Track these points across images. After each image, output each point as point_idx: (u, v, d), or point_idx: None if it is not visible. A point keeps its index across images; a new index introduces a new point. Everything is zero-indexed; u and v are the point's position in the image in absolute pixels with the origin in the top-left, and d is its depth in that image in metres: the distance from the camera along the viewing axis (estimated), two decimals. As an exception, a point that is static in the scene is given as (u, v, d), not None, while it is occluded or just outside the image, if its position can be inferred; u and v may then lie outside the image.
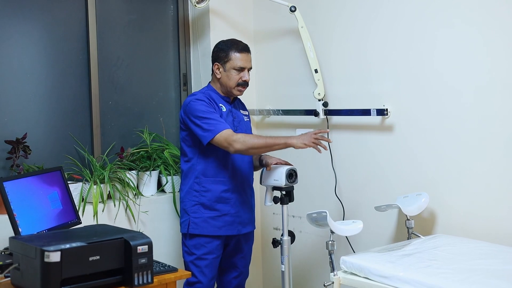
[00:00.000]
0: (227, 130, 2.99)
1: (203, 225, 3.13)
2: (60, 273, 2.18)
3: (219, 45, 3.22)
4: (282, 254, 3.02)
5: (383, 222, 3.30)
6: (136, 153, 3.61)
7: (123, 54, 3.75)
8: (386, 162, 3.30)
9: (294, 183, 3.05)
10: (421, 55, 3.11)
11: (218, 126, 3.00)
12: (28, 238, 2.39)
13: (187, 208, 3.17)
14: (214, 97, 3.16)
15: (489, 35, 2.86)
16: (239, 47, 3.16)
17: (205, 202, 3.13)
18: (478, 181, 2.93)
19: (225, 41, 3.22)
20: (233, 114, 3.21)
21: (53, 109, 3.47)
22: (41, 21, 3.44)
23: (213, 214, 3.13)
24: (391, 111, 3.25)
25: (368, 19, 3.34)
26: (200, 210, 3.14)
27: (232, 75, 3.14)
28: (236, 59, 3.13)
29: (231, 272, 3.31)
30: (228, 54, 3.14)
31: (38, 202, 2.80)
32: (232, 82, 3.14)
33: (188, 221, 3.14)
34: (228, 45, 3.17)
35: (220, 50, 3.18)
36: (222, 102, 3.18)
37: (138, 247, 2.34)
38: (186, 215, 3.17)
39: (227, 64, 3.14)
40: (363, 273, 2.57)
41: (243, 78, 3.15)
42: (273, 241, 3.03)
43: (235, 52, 3.14)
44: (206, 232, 3.13)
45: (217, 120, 3.03)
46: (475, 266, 2.45)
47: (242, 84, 3.16)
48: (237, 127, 3.18)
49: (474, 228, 2.93)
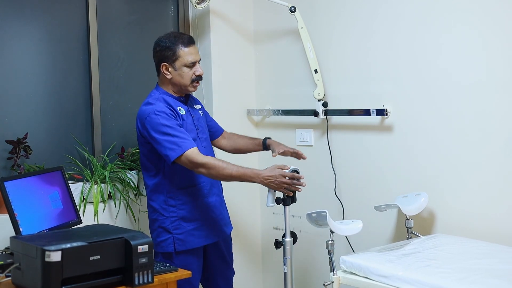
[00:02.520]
0: (192, 150, 2.76)
1: (189, 239, 2.93)
2: (61, 272, 2.18)
3: (161, 42, 2.93)
4: (284, 256, 2.96)
5: (382, 221, 3.30)
6: (136, 153, 3.61)
7: (124, 54, 3.75)
8: (386, 162, 3.30)
9: None
10: (420, 56, 3.11)
11: (183, 144, 2.76)
12: (29, 237, 2.39)
13: (166, 226, 2.92)
14: (170, 102, 2.92)
15: (488, 35, 2.86)
16: (185, 41, 2.89)
17: (185, 215, 2.94)
18: (478, 181, 2.93)
19: (166, 37, 2.92)
20: (191, 113, 3.01)
21: (54, 109, 3.47)
22: (42, 21, 3.44)
23: (197, 225, 2.95)
24: (391, 111, 3.25)
25: (368, 19, 3.34)
26: (181, 225, 2.93)
27: (185, 72, 2.90)
28: (186, 54, 2.88)
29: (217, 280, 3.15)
30: (175, 51, 2.88)
31: (39, 202, 2.80)
32: (186, 80, 2.92)
33: (172, 239, 2.92)
34: (172, 42, 2.89)
35: (164, 48, 2.90)
36: (179, 104, 2.96)
37: (139, 247, 2.34)
38: (166, 233, 2.93)
39: (176, 62, 2.90)
40: (362, 272, 2.57)
41: (196, 73, 2.92)
42: (276, 242, 3.00)
43: (182, 48, 2.88)
44: (193, 245, 2.94)
45: (181, 137, 2.78)
46: (474, 265, 2.45)
47: (197, 79, 2.94)
48: (197, 126, 3.02)
49: (473, 228, 2.93)
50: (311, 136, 3.69)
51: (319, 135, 3.65)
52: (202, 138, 3.04)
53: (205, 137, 3.07)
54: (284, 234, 2.95)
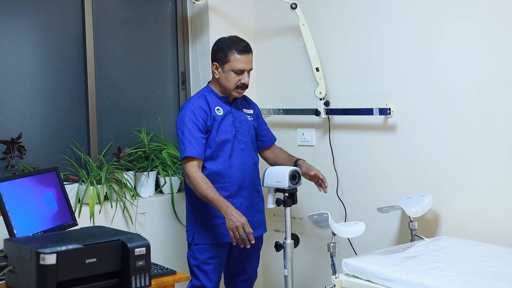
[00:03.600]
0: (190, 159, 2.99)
1: (208, 234, 3.13)
2: (56, 276, 2.18)
3: (218, 43, 3.15)
4: (285, 258, 2.97)
5: (385, 223, 3.30)
6: (133, 153, 3.61)
7: (120, 52, 3.75)
8: (389, 162, 3.30)
9: (298, 184, 3.00)
10: (425, 53, 3.11)
11: (187, 148, 3.00)
12: (23, 240, 2.38)
13: (191, 217, 3.18)
14: (210, 101, 3.12)
15: (494, 33, 2.86)
16: (239, 48, 3.07)
17: (208, 211, 3.11)
18: (483, 182, 2.93)
19: (225, 39, 3.14)
20: (234, 115, 3.18)
21: (49, 109, 3.46)
22: (36, 18, 3.43)
23: (218, 222, 3.11)
24: (394, 111, 3.25)
25: (371, 16, 3.34)
26: (204, 219, 3.13)
27: (231, 77, 3.08)
28: (236, 61, 3.06)
29: (240, 276, 3.32)
30: (228, 55, 3.06)
31: (34, 203, 2.80)
32: (231, 84, 3.09)
33: (193, 231, 3.15)
34: (228, 45, 3.08)
35: (219, 49, 3.11)
36: (220, 104, 3.15)
37: (136, 249, 2.33)
38: (190, 224, 3.19)
39: (226, 65, 3.08)
40: (365, 276, 2.57)
41: (242, 81, 3.09)
42: (276, 244, 3.01)
43: (235, 54, 3.06)
44: (211, 241, 3.13)
45: (189, 142, 3.01)
46: (480, 268, 2.45)
47: (241, 87, 3.11)
48: (238, 128, 3.16)
49: (478, 230, 2.93)
50: (313, 136, 3.69)
51: (321, 135, 3.64)
52: (241, 140, 3.17)
53: (245, 140, 3.19)
54: (285, 236, 2.95)
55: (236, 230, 2.89)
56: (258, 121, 3.35)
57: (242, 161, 3.15)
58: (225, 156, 3.11)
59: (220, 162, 3.10)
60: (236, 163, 3.13)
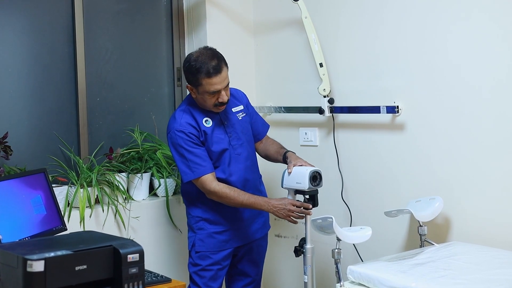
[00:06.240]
0: (206, 177, 3.04)
1: (209, 241, 3.16)
2: (44, 283, 2.18)
3: (187, 64, 3.05)
4: (305, 264, 2.98)
5: (393, 228, 3.30)
6: (126, 154, 3.61)
7: (112, 46, 3.75)
8: (397, 163, 3.30)
9: (319, 186, 3.00)
10: (435, 48, 3.11)
11: (196, 170, 3.04)
12: (9, 246, 2.38)
13: (192, 225, 3.20)
14: (196, 114, 3.11)
15: (508, 27, 2.86)
16: (210, 70, 2.98)
17: (210, 218, 3.16)
18: (497, 184, 2.93)
19: (194, 60, 3.02)
20: (223, 121, 3.16)
21: (37, 107, 3.47)
22: (23, 11, 3.44)
23: (220, 229, 3.16)
24: (403, 109, 3.25)
25: (378, 8, 3.34)
26: (205, 226, 3.17)
27: (207, 98, 3.05)
28: (208, 84, 3.00)
29: (242, 279, 3.32)
30: (198, 79, 3.00)
31: (20, 207, 2.80)
32: (209, 104, 3.07)
33: (194, 238, 3.17)
34: (197, 68, 2.99)
35: (189, 72, 3.05)
36: (207, 114, 3.13)
37: (129, 256, 2.33)
38: (191, 231, 3.21)
39: (199, 88, 3.03)
40: (372, 283, 2.58)
41: (219, 99, 3.05)
42: (295, 249, 3.02)
43: (205, 78, 2.99)
44: (212, 248, 3.16)
45: (195, 163, 3.04)
46: (494, 276, 2.45)
47: (220, 105, 3.07)
48: (230, 133, 3.16)
49: (492, 235, 2.93)
50: (316, 136, 3.69)
51: (325, 134, 3.65)
52: (236, 145, 3.17)
53: (240, 143, 3.19)
54: (304, 240, 2.98)
55: (290, 217, 2.97)
56: (249, 113, 3.32)
57: (241, 167, 3.17)
58: (225, 164, 3.13)
59: (221, 170, 3.13)
60: (235, 170, 3.15)
